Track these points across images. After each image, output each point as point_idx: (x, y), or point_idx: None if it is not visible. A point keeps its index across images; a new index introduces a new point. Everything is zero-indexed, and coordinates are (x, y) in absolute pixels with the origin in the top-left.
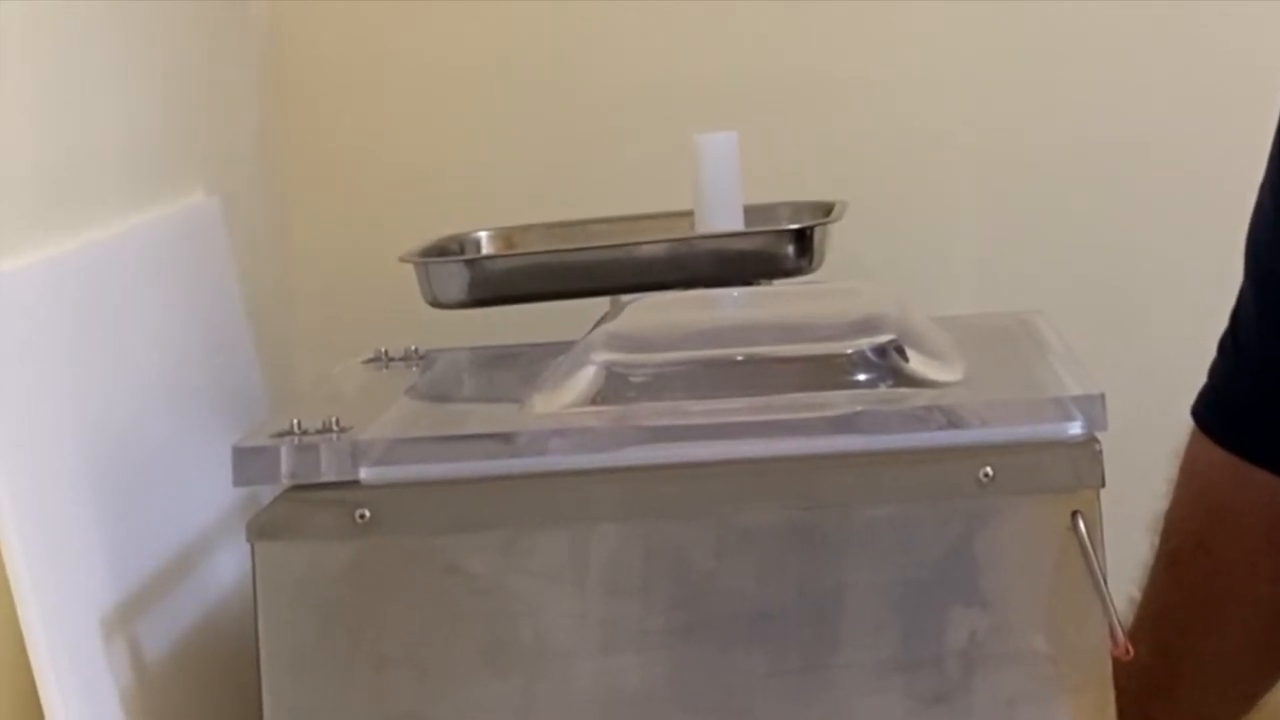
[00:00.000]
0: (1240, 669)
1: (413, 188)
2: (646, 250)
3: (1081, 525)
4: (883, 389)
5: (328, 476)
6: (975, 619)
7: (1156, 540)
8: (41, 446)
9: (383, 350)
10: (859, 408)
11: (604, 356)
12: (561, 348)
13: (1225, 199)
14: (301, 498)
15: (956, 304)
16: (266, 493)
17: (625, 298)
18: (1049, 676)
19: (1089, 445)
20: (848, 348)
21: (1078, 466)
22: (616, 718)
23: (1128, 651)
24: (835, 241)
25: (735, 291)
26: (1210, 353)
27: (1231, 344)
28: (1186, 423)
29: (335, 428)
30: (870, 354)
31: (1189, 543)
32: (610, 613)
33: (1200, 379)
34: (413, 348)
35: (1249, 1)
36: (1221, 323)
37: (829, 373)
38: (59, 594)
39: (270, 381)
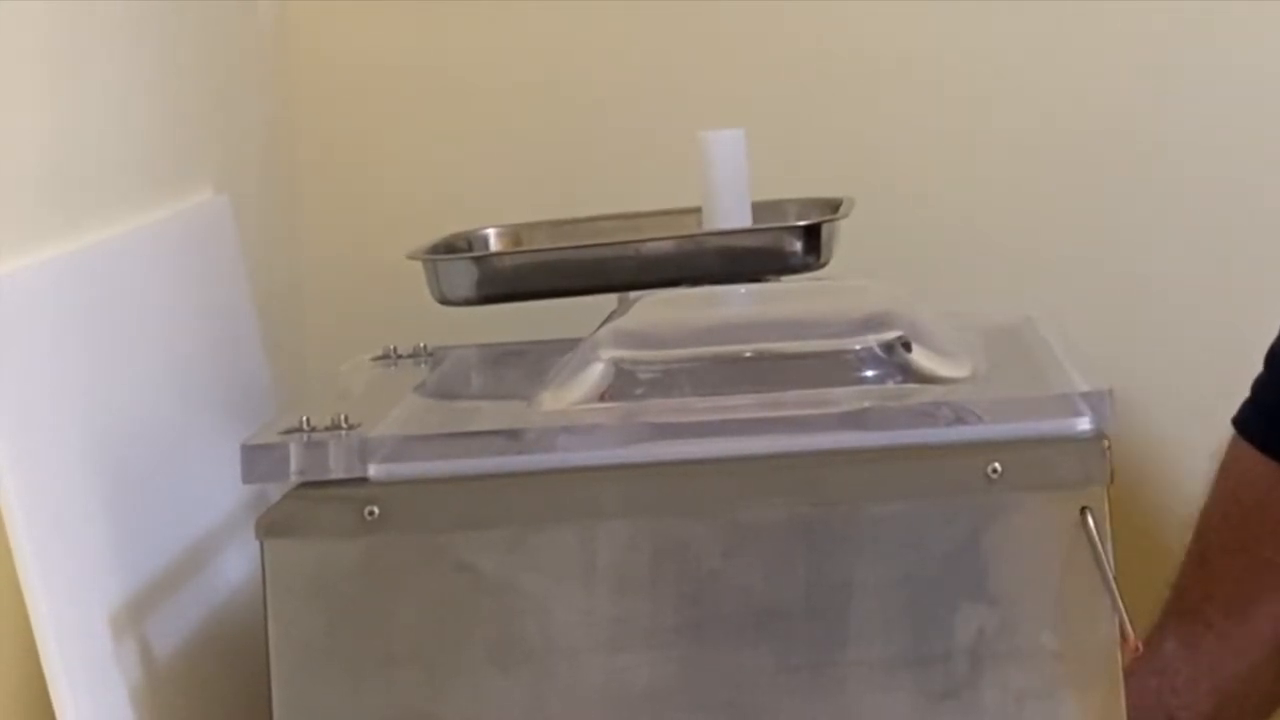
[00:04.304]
0: (1265, 670)
1: (421, 185)
2: (654, 247)
3: (1090, 521)
4: (891, 385)
5: (336, 474)
6: (984, 615)
7: (1189, 539)
8: (51, 444)
9: (391, 347)
10: (867, 404)
11: (612, 353)
12: (569, 345)
13: (1233, 199)
14: (310, 495)
15: (965, 300)
16: (275, 490)
17: (633, 295)
18: (1057, 673)
19: (1097, 442)
20: (856, 344)
21: (1086, 463)
22: (625, 715)
23: (1137, 648)
24: (844, 238)
25: (743, 288)
26: (1217, 350)
27: None
28: (1195, 419)
29: (344, 425)
30: (878, 350)
31: (1224, 542)
32: (618, 610)
33: (1207, 375)
34: (421, 345)
35: (1263, 2)
36: (1229, 321)
37: (837, 369)
38: (68, 591)
39: (279, 379)
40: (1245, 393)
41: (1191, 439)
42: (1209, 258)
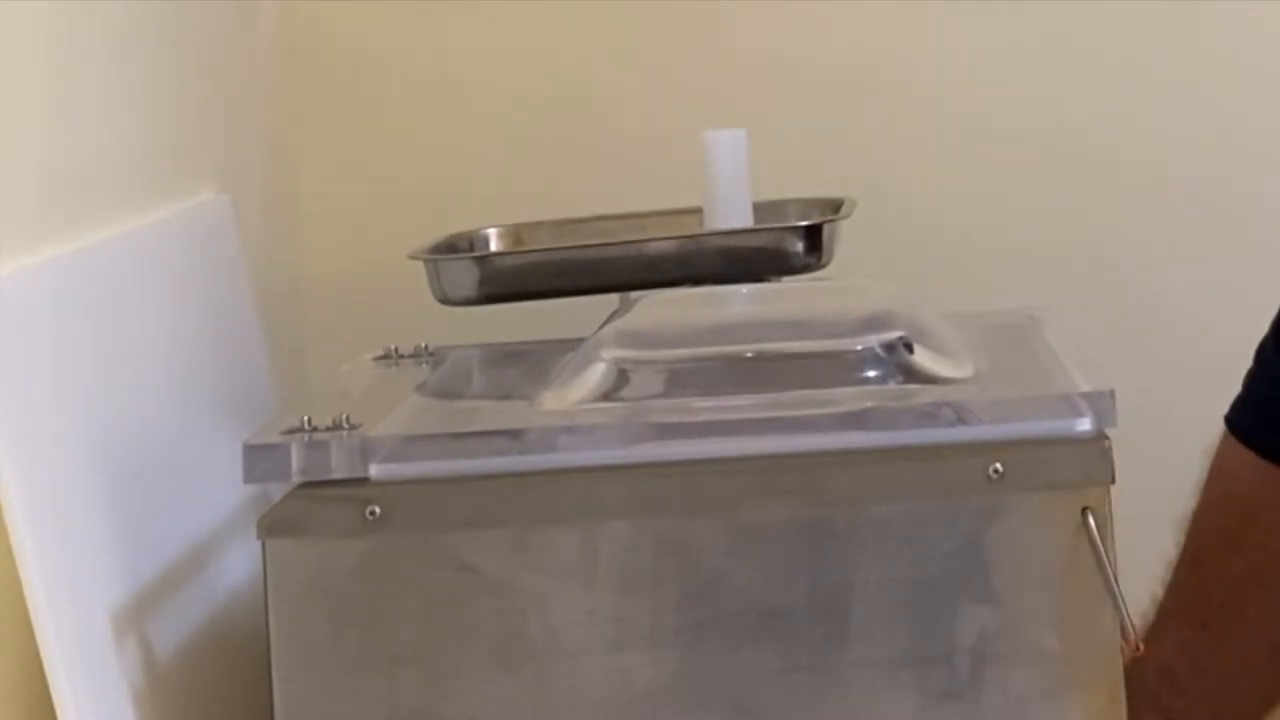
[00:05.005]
0: (1262, 670)
1: (422, 185)
2: (655, 247)
3: (1091, 521)
4: (892, 385)
5: (338, 473)
6: (985, 616)
7: (1182, 538)
8: (53, 444)
9: (392, 347)
10: (869, 404)
11: (613, 353)
12: (571, 345)
13: (1233, 199)
14: (312, 495)
15: (966, 300)
16: (277, 490)
17: (634, 295)
18: (1059, 673)
19: (1099, 441)
20: (857, 344)
21: (1087, 463)
22: (626, 714)
23: (1138, 648)
24: (844, 238)
25: (744, 288)
26: (1217, 350)
27: (1273, 351)
28: (1197, 418)
29: (345, 425)
30: (880, 350)
31: (1216, 542)
32: (620, 610)
33: (1210, 375)
34: (422, 345)
35: (1263, 1)
36: (1229, 321)
37: (838, 369)
38: (70, 592)
39: (280, 379)
40: None
41: (1191, 439)
42: (1209, 258)
